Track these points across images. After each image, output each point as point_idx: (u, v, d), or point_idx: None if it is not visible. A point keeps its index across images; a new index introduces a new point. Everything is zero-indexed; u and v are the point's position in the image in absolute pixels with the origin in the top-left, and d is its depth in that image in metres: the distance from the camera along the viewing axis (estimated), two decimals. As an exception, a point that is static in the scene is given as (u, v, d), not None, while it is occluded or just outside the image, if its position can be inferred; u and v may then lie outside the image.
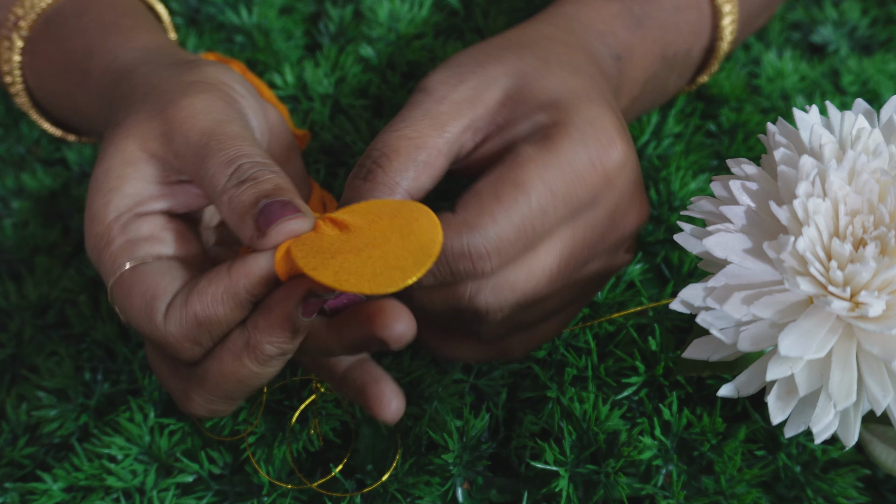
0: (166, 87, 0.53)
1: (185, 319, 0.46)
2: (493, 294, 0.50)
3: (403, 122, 0.52)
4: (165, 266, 0.49)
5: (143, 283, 0.49)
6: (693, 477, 0.57)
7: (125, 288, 0.49)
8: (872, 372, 0.44)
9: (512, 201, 0.48)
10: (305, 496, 0.58)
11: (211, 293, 0.46)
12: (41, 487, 0.58)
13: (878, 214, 0.45)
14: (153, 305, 0.48)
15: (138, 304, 0.48)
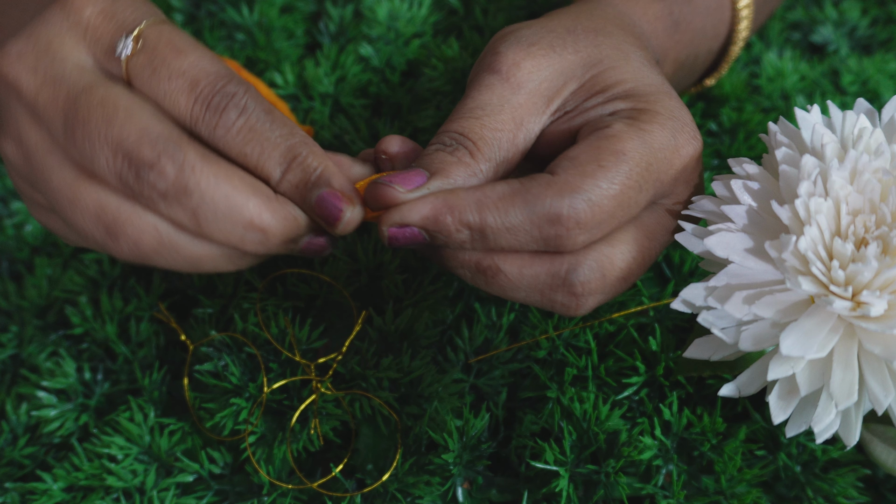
0: None
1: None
2: (592, 271, 0.48)
3: (482, 109, 0.51)
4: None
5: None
6: (693, 477, 0.57)
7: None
8: (874, 371, 0.44)
9: (614, 170, 0.47)
10: (306, 496, 0.58)
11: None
12: (41, 487, 0.58)
13: (880, 214, 0.45)
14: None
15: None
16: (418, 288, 0.63)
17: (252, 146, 0.46)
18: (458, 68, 0.73)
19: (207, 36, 0.79)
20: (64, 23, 0.47)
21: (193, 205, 0.45)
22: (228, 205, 0.45)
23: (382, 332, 0.61)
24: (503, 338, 0.61)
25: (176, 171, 0.44)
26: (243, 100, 0.46)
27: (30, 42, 0.47)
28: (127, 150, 0.44)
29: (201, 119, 0.45)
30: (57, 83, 0.46)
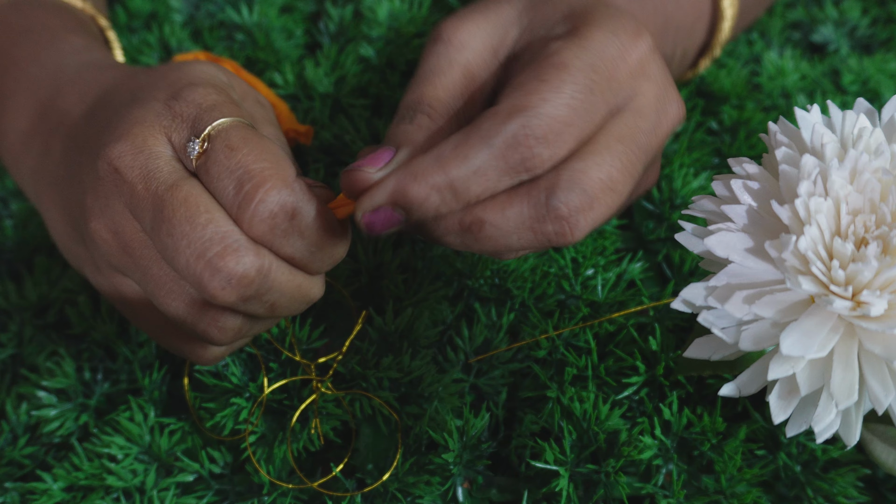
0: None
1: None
2: (570, 190, 0.47)
3: (432, 72, 0.52)
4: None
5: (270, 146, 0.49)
6: (693, 476, 0.57)
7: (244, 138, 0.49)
8: (874, 371, 0.44)
9: (558, 80, 0.47)
10: (306, 496, 0.58)
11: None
12: (41, 487, 0.58)
13: (880, 214, 0.45)
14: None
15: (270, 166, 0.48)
16: (418, 288, 0.63)
17: (301, 251, 0.49)
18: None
19: (207, 36, 0.79)
20: (156, 121, 0.50)
21: (272, 300, 0.49)
22: (301, 293, 0.50)
23: (383, 331, 0.61)
24: (503, 337, 0.61)
25: (260, 279, 0.47)
26: (288, 203, 0.47)
27: (129, 140, 0.49)
28: (211, 259, 0.47)
29: (247, 221, 0.47)
30: (148, 178, 0.48)
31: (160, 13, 0.82)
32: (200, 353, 0.53)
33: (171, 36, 0.79)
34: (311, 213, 0.48)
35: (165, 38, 0.79)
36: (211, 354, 0.53)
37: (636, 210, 0.68)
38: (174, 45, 0.79)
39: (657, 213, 0.67)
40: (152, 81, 0.53)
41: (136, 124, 0.50)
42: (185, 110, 0.50)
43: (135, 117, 0.50)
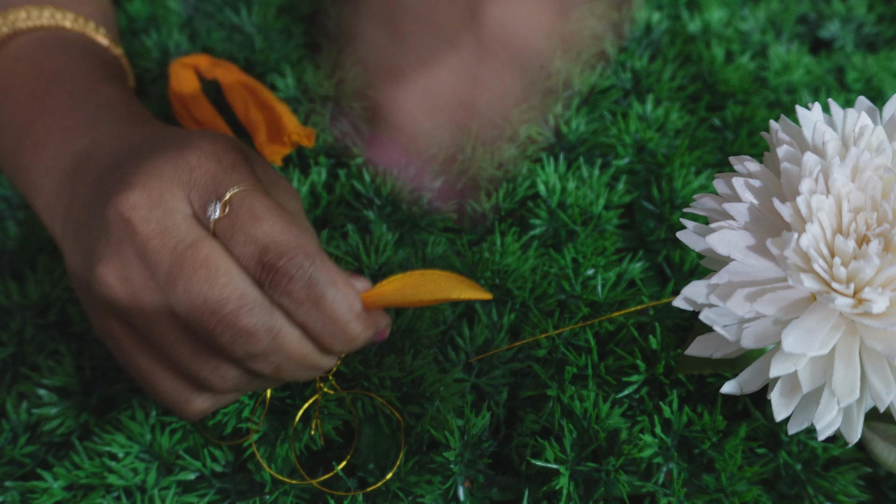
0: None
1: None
2: None
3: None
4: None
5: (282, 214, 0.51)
6: (694, 475, 0.57)
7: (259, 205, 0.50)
8: (876, 368, 0.44)
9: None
10: (308, 495, 0.58)
11: None
12: (42, 486, 0.58)
13: (882, 211, 0.46)
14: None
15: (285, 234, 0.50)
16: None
17: (313, 321, 0.50)
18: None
19: (206, 38, 0.79)
20: (174, 176, 0.51)
21: (278, 362, 0.51)
22: (308, 363, 0.52)
23: (384, 331, 0.61)
24: (504, 337, 0.61)
25: (269, 339, 0.49)
26: (307, 273, 0.49)
27: (144, 192, 0.50)
28: (225, 316, 0.48)
29: (267, 286, 0.49)
30: (166, 234, 0.50)
31: (159, 16, 0.82)
32: (185, 406, 0.53)
33: (168, 38, 0.79)
34: (329, 287, 0.49)
35: (163, 41, 0.79)
36: (195, 409, 0.54)
37: (637, 210, 0.68)
38: (172, 48, 0.79)
39: (657, 212, 0.67)
40: (176, 136, 0.54)
41: (152, 176, 0.51)
42: (202, 164, 0.51)
43: (152, 168, 0.51)
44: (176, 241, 0.49)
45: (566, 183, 0.68)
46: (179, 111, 0.72)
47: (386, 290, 0.52)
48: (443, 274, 0.53)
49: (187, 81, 0.73)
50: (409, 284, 0.52)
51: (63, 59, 0.63)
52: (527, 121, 0.68)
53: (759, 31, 0.82)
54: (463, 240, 0.66)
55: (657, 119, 0.72)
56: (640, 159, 0.70)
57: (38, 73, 0.62)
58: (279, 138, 0.69)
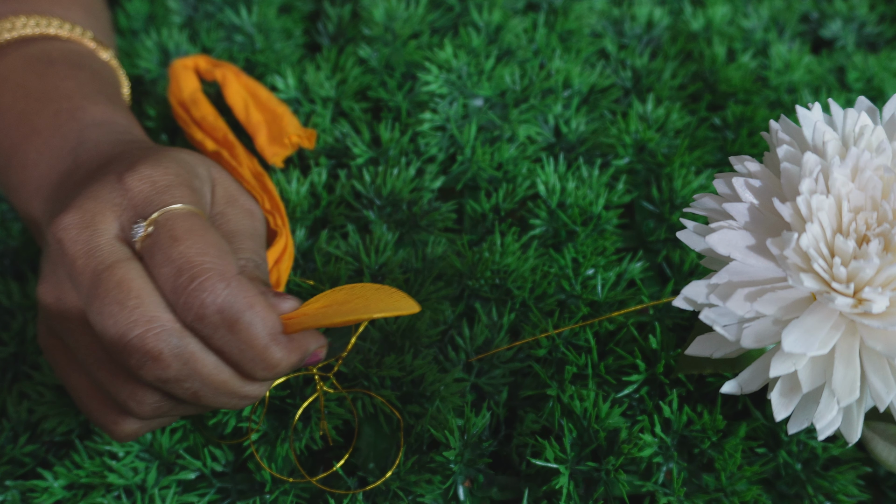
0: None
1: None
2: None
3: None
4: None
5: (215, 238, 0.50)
6: (693, 474, 0.57)
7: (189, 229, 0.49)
8: (875, 368, 0.44)
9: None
10: (308, 494, 0.58)
11: None
12: (42, 485, 0.58)
13: (882, 211, 0.46)
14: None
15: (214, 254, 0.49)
16: (420, 288, 0.63)
17: (229, 347, 0.49)
18: (454, 69, 0.74)
19: (205, 38, 0.79)
20: (108, 198, 0.51)
21: (195, 388, 0.49)
22: (228, 389, 0.50)
23: (384, 331, 0.61)
24: (504, 337, 0.61)
25: (179, 364, 0.48)
26: (220, 296, 0.48)
27: (77, 214, 0.50)
28: (132, 339, 0.47)
29: (180, 310, 0.48)
30: (90, 255, 0.49)
31: (158, 15, 0.82)
32: (113, 427, 0.53)
33: (168, 39, 0.79)
34: (246, 312, 0.48)
35: (163, 41, 0.79)
36: (123, 431, 0.53)
37: (637, 210, 0.68)
38: (172, 49, 0.79)
39: (657, 213, 0.67)
40: (132, 157, 0.54)
41: (88, 198, 0.51)
42: (136, 186, 0.50)
43: (90, 190, 0.51)
44: (97, 262, 0.49)
45: (566, 183, 0.68)
46: (179, 112, 0.71)
47: (310, 311, 0.50)
48: (372, 287, 0.51)
49: (187, 82, 0.73)
50: (336, 301, 0.51)
51: (50, 78, 0.63)
52: None
53: (762, 29, 0.82)
54: (463, 240, 0.66)
55: (657, 119, 0.72)
56: (640, 159, 0.70)
57: (26, 93, 0.62)
58: (280, 139, 0.69)
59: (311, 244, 0.66)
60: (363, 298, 0.50)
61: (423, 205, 0.68)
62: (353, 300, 0.50)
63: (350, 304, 0.50)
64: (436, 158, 0.71)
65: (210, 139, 0.69)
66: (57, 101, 0.62)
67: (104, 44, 0.69)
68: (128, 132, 0.61)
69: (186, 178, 0.52)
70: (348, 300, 0.50)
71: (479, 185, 0.70)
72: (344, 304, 0.50)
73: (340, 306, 0.50)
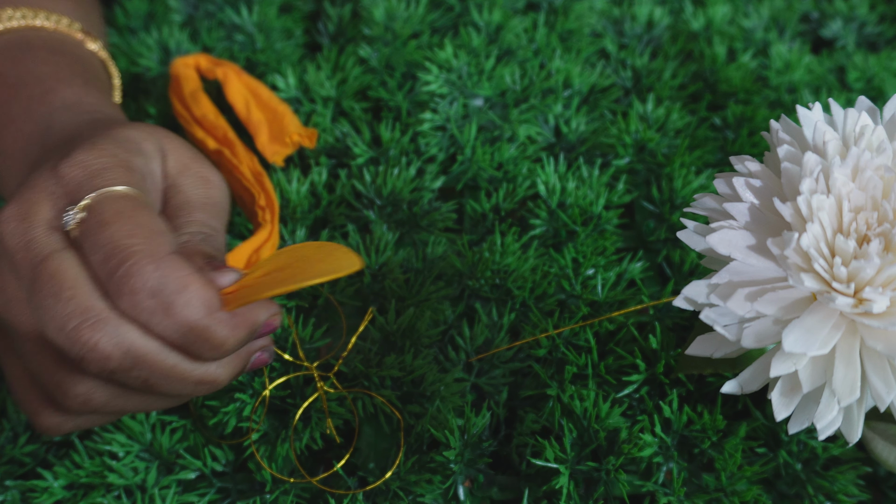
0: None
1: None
2: None
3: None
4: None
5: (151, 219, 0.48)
6: (694, 474, 0.57)
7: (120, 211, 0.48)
8: (876, 368, 0.44)
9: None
10: (308, 494, 0.58)
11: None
12: (42, 485, 0.58)
13: (882, 211, 0.46)
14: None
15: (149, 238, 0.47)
16: (420, 288, 0.63)
17: (169, 331, 0.47)
18: (454, 69, 0.74)
19: (206, 37, 0.79)
20: (44, 187, 0.50)
21: (144, 377, 0.48)
22: (180, 374, 0.48)
23: (385, 331, 0.61)
24: (504, 337, 0.61)
25: (120, 353, 0.46)
26: (150, 279, 0.46)
27: (16, 206, 0.49)
28: (69, 332, 0.46)
29: (113, 297, 0.46)
30: (28, 247, 0.48)
31: (158, 13, 0.82)
32: (40, 420, 0.52)
33: (169, 37, 0.79)
34: (180, 293, 0.46)
35: (164, 40, 0.79)
36: (44, 423, 0.52)
37: (637, 210, 0.68)
38: (173, 47, 0.79)
39: (657, 213, 0.67)
40: (77, 140, 0.53)
41: (27, 188, 0.50)
42: (69, 172, 0.49)
43: (30, 180, 0.50)
44: (33, 254, 0.48)
45: (566, 183, 0.68)
46: (180, 110, 0.72)
47: (250, 281, 0.48)
48: (313, 246, 0.49)
49: (188, 81, 0.73)
50: (278, 266, 0.48)
51: (26, 63, 0.63)
52: None
53: (763, 29, 0.82)
54: (463, 240, 0.66)
55: (658, 119, 0.72)
56: (640, 159, 0.70)
57: (3, 81, 0.62)
58: (281, 138, 0.69)
59: (312, 244, 0.66)
60: (304, 260, 0.48)
61: (423, 205, 0.68)
62: (294, 263, 0.48)
63: (290, 270, 0.48)
64: (436, 158, 0.71)
65: (211, 137, 0.69)
66: (31, 86, 0.61)
67: (92, 35, 0.68)
68: (96, 111, 0.60)
69: (124, 157, 0.51)
70: (289, 264, 0.48)
71: (480, 185, 0.70)
72: (284, 270, 0.48)
73: (280, 272, 0.48)
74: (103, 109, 0.60)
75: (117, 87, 0.69)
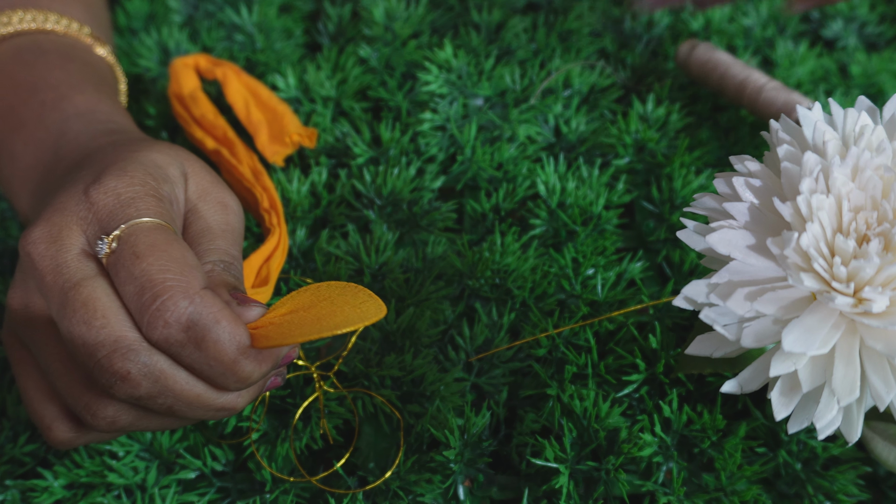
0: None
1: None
2: None
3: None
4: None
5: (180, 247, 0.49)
6: (693, 474, 0.57)
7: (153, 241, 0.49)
8: (875, 368, 0.44)
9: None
10: (308, 493, 0.58)
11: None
12: (42, 484, 0.58)
13: (882, 211, 0.46)
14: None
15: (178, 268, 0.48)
16: (420, 287, 0.63)
17: (198, 363, 0.48)
18: (454, 69, 0.74)
19: (206, 37, 0.79)
20: (75, 211, 0.50)
21: (169, 403, 0.49)
22: (203, 402, 0.49)
23: (385, 330, 0.61)
24: (504, 337, 0.61)
25: (150, 382, 0.48)
26: (184, 314, 0.47)
27: (45, 228, 0.50)
28: (100, 360, 0.47)
29: (145, 328, 0.47)
30: (58, 271, 0.49)
31: (159, 14, 0.82)
32: (54, 434, 0.52)
33: (169, 38, 0.79)
34: (212, 329, 0.47)
35: (164, 40, 0.79)
36: (61, 437, 0.52)
37: (637, 210, 0.68)
38: (172, 47, 0.79)
39: (657, 213, 0.67)
40: (100, 157, 0.54)
41: (55, 211, 0.50)
42: (101, 200, 0.50)
43: (57, 202, 0.51)
44: (64, 279, 0.48)
45: (566, 183, 0.68)
46: (179, 110, 0.72)
47: (276, 319, 0.49)
48: (337, 287, 0.50)
49: (188, 81, 0.73)
50: (302, 305, 0.49)
51: (38, 68, 0.63)
52: None
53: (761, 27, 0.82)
54: (463, 239, 0.66)
55: (658, 119, 0.72)
56: (640, 159, 0.70)
57: (15, 85, 0.62)
58: (281, 138, 0.69)
59: (312, 244, 0.66)
60: (328, 301, 0.49)
61: (423, 204, 0.68)
62: (319, 303, 0.49)
63: (315, 311, 0.48)
64: (436, 158, 0.71)
65: (210, 137, 0.69)
66: (43, 92, 0.62)
67: (101, 40, 0.68)
68: (110, 120, 0.60)
69: (153, 186, 0.51)
70: (314, 303, 0.49)
71: (480, 184, 0.70)
72: (309, 311, 0.49)
73: (305, 313, 0.49)
74: (117, 119, 0.61)
75: (123, 91, 0.70)
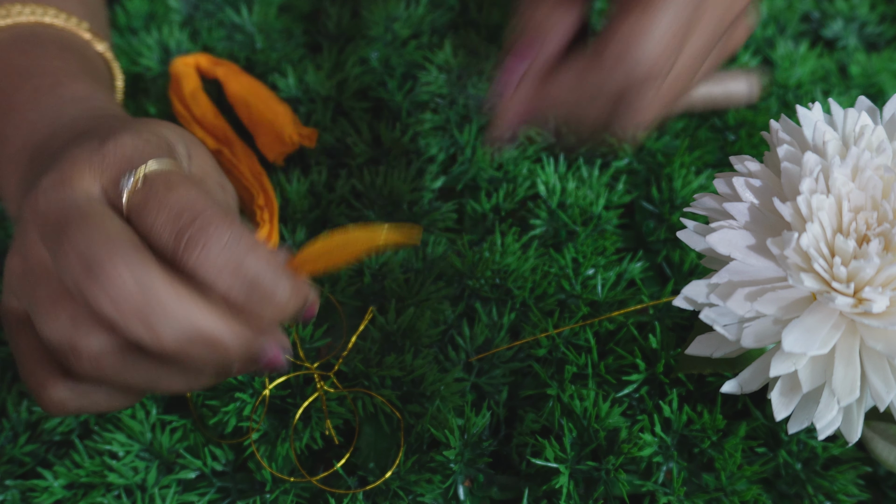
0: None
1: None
2: None
3: None
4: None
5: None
6: (693, 474, 0.57)
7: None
8: (876, 368, 0.44)
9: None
10: (308, 493, 0.58)
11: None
12: (42, 484, 0.58)
13: (882, 211, 0.46)
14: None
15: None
16: (420, 287, 0.63)
17: (236, 288, 0.46)
18: (453, 69, 0.74)
19: (206, 37, 0.79)
20: (87, 160, 0.49)
21: (153, 321, 0.45)
22: (190, 323, 0.45)
23: (385, 330, 0.61)
24: (504, 337, 0.61)
25: (139, 287, 0.44)
26: (225, 235, 0.45)
27: (54, 175, 0.49)
28: (89, 258, 0.44)
29: (181, 252, 0.45)
30: (61, 204, 0.47)
31: (159, 13, 0.82)
32: (47, 393, 0.49)
33: (169, 37, 0.79)
34: (250, 251, 0.45)
35: (164, 40, 0.79)
36: (54, 397, 0.49)
37: (637, 210, 0.68)
38: (173, 47, 0.79)
39: (657, 213, 0.67)
40: (111, 127, 0.52)
41: (66, 161, 0.49)
42: (118, 150, 0.49)
43: (69, 155, 0.50)
44: (67, 208, 0.46)
45: (566, 183, 0.68)
46: (180, 110, 0.72)
47: (308, 253, 0.48)
48: (364, 226, 0.48)
49: (188, 80, 0.73)
50: (327, 248, 0.47)
51: (35, 55, 0.63)
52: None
53: (761, 27, 0.82)
54: (463, 240, 0.66)
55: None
56: (640, 159, 0.70)
57: (10, 70, 0.62)
58: (281, 138, 0.69)
59: (312, 244, 0.67)
60: (358, 232, 0.47)
61: (423, 205, 0.68)
62: (348, 234, 0.47)
63: (345, 237, 0.47)
64: (436, 158, 0.71)
65: (210, 137, 0.69)
66: (38, 78, 0.61)
67: (100, 36, 0.68)
68: (108, 108, 0.60)
69: (167, 148, 0.51)
70: (338, 245, 0.47)
71: (480, 185, 0.70)
72: (341, 246, 0.47)
73: (338, 247, 0.47)
74: (113, 109, 0.61)
75: (120, 88, 0.70)
